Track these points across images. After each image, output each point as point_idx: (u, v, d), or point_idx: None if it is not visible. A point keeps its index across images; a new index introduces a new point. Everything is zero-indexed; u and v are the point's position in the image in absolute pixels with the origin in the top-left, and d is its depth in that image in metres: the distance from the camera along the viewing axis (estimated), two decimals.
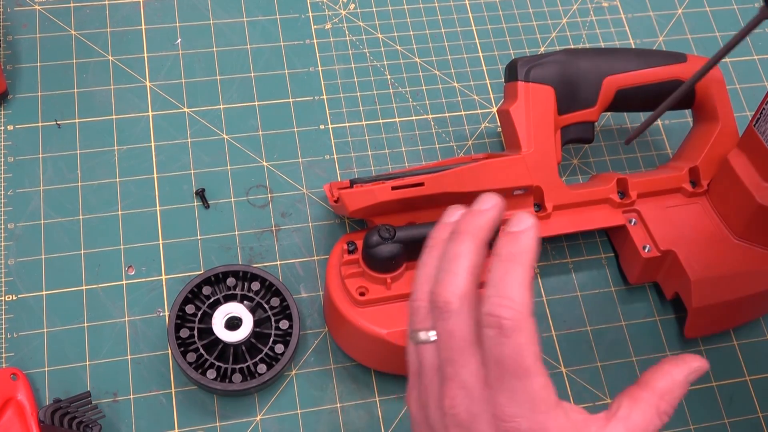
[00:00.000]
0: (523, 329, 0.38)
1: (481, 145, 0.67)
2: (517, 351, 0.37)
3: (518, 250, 0.39)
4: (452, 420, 0.39)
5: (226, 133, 0.65)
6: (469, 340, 0.39)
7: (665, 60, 0.61)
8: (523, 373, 0.37)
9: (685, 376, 0.42)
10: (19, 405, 0.52)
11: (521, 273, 0.39)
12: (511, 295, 0.38)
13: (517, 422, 0.38)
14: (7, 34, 0.67)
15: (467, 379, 0.39)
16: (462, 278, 0.40)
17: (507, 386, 0.38)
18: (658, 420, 0.40)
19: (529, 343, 0.38)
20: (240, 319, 0.55)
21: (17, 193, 0.61)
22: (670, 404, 0.41)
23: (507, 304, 0.38)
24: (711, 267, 0.57)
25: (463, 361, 0.39)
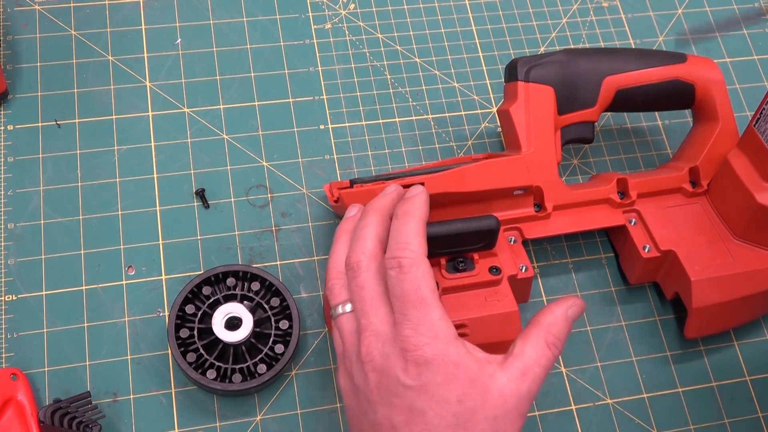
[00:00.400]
0: (419, 266, 0.44)
1: (481, 145, 0.67)
2: (415, 283, 0.44)
3: (410, 208, 0.48)
4: (369, 366, 0.44)
5: (226, 133, 0.65)
6: (379, 292, 0.46)
7: (665, 60, 0.61)
8: (421, 302, 0.43)
9: (564, 310, 0.47)
10: (19, 405, 0.52)
11: (414, 223, 0.46)
12: (407, 240, 0.45)
13: (422, 350, 0.43)
14: (7, 34, 0.67)
15: (378, 326, 0.45)
16: (369, 242, 0.47)
17: (409, 318, 0.43)
18: (549, 351, 0.45)
19: (425, 278, 0.44)
20: (240, 319, 0.55)
21: (17, 193, 0.61)
22: (556, 336, 0.46)
23: (404, 247, 0.45)
24: (711, 267, 0.57)
25: (374, 310, 0.45)
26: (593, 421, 0.57)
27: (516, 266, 0.56)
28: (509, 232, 0.58)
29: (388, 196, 0.51)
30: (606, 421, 0.57)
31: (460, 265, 0.54)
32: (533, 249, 0.62)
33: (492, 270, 0.54)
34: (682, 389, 0.59)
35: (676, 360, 0.60)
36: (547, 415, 0.57)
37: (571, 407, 0.57)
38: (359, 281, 0.46)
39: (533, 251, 0.62)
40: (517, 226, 0.58)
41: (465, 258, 0.55)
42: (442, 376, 0.43)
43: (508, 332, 0.53)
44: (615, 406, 0.58)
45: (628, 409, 0.58)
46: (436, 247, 0.53)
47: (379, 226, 0.48)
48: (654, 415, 0.58)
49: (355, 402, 0.46)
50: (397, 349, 0.43)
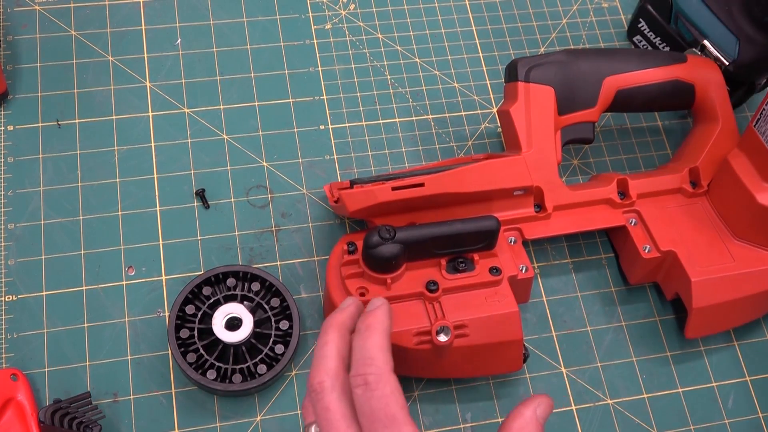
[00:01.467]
0: (387, 382, 0.42)
1: (481, 146, 0.67)
2: (384, 401, 0.42)
3: (372, 321, 0.46)
4: None
5: (226, 134, 0.65)
6: (344, 413, 0.43)
7: (665, 60, 0.61)
8: (392, 421, 0.41)
9: (533, 411, 0.44)
10: (19, 405, 0.52)
11: (378, 338, 0.45)
12: (371, 355, 0.44)
13: None
14: (7, 34, 0.67)
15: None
16: (330, 360, 0.45)
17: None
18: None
19: (394, 394, 0.42)
20: (240, 319, 0.55)
21: (17, 194, 0.61)
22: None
23: (369, 363, 0.43)
24: (711, 267, 0.57)
25: (342, 428, 0.42)
26: (593, 421, 0.57)
27: (516, 267, 0.56)
28: (509, 233, 0.58)
29: (345, 311, 0.48)
30: (606, 421, 0.57)
31: (460, 266, 0.54)
32: (533, 249, 0.62)
33: (492, 270, 0.54)
34: (682, 389, 0.59)
35: (676, 360, 0.60)
36: None
37: (571, 407, 0.57)
38: (324, 403, 0.43)
39: (533, 251, 0.62)
40: (517, 227, 0.58)
41: (465, 258, 0.55)
42: None
43: (508, 332, 0.53)
44: (615, 406, 0.58)
45: (628, 409, 0.58)
46: (437, 247, 0.53)
47: (339, 343, 0.46)
48: (654, 415, 0.58)
49: None
50: None
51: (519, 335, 0.53)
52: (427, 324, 0.52)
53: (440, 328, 0.52)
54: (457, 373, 0.56)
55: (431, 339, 0.52)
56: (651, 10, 0.69)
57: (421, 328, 0.52)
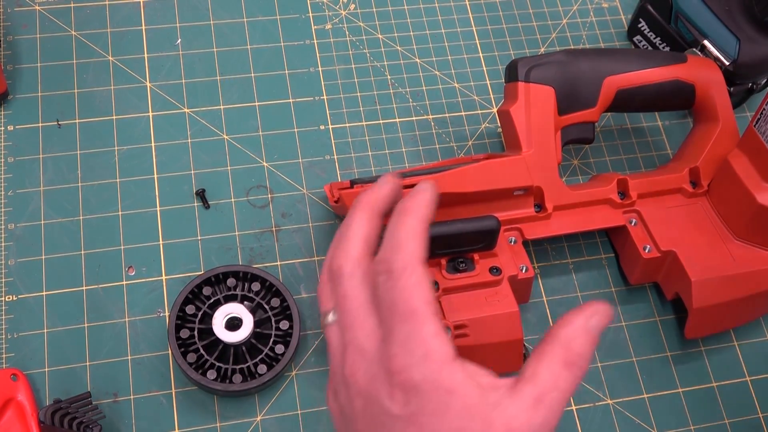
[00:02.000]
0: (413, 272, 0.37)
1: (481, 146, 0.67)
2: (406, 292, 0.37)
3: (411, 204, 0.41)
4: (354, 390, 0.38)
5: (226, 134, 0.65)
6: (364, 302, 0.39)
7: (665, 60, 0.61)
8: (411, 315, 0.37)
9: (585, 321, 0.38)
10: (20, 405, 0.52)
11: (412, 222, 0.40)
12: (401, 241, 0.39)
13: (409, 372, 0.36)
14: (7, 34, 0.67)
15: (363, 342, 0.38)
16: (354, 244, 0.41)
17: (397, 333, 0.37)
18: (568, 372, 0.37)
19: (419, 287, 0.37)
20: (240, 319, 0.55)
21: (17, 194, 0.61)
22: (577, 354, 0.37)
23: (396, 248, 0.38)
24: (711, 267, 0.57)
25: (359, 322, 0.39)
26: (593, 421, 0.57)
27: (516, 266, 0.56)
28: (509, 233, 0.58)
29: (379, 190, 0.43)
30: (606, 421, 0.57)
31: (460, 266, 0.54)
32: (533, 249, 0.62)
33: (492, 270, 0.54)
34: (682, 389, 0.59)
35: (676, 360, 0.60)
36: None
37: (571, 407, 0.57)
38: (342, 290, 0.40)
39: (533, 251, 0.62)
40: (517, 227, 0.58)
41: (465, 258, 0.55)
42: (434, 404, 0.36)
43: (509, 332, 0.53)
44: (615, 407, 0.58)
45: (628, 409, 0.58)
46: (437, 248, 0.53)
47: (367, 225, 0.42)
48: (654, 415, 0.58)
49: (343, 427, 0.40)
50: (383, 371, 0.37)
51: (519, 335, 0.53)
52: None
53: None
54: None
55: None
56: (651, 10, 0.69)
57: None
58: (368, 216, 0.42)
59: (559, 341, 0.38)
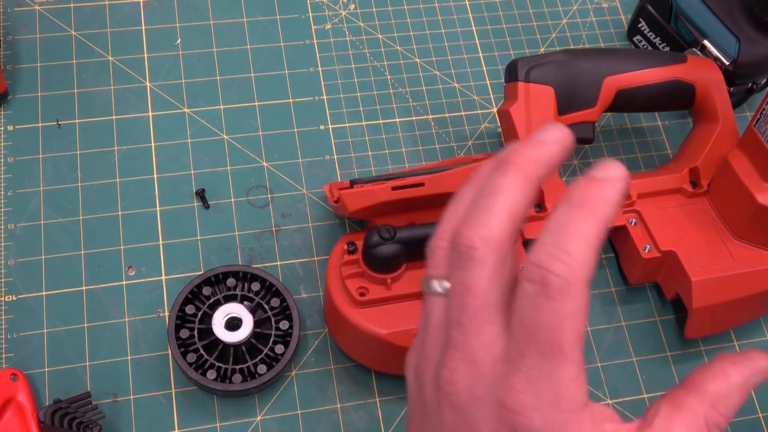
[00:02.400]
0: (574, 296, 0.29)
1: (481, 146, 0.67)
2: (558, 321, 0.29)
3: (595, 198, 0.31)
4: (446, 399, 0.32)
5: (226, 134, 0.65)
6: (490, 302, 0.31)
7: (665, 60, 0.61)
8: (557, 352, 0.29)
9: (746, 379, 0.32)
10: (19, 405, 0.52)
11: (591, 226, 0.30)
12: (570, 248, 0.30)
13: (529, 417, 0.30)
14: (7, 34, 0.67)
15: (477, 352, 0.31)
16: (496, 219, 0.32)
17: (529, 366, 0.30)
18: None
19: (575, 317, 0.29)
20: (240, 319, 0.55)
21: (17, 194, 0.61)
22: (723, 414, 0.32)
23: (562, 258, 0.29)
24: (711, 267, 0.57)
25: (477, 327, 0.31)
26: None
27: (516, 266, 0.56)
28: None
29: (546, 149, 0.34)
30: None
31: None
32: None
33: None
34: None
35: (676, 360, 0.60)
36: None
37: None
38: (469, 277, 0.32)
39: None
40: None
41: None
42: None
43: None
44: (615, 407, 0.58)
45: (628, 410, 0.58)
46: None
47: (516, 196, 0.32)
48: None
49: (420, 418, 0.35)
50: (493, 399, 0.30)
51: None
52: None
53: None
54: None
55: None
56: (651, 10, 0.69)
57: None
58: (522, 182, 0.32)
59: (707, 398, 0.32)
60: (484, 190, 0.33)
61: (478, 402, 0.31)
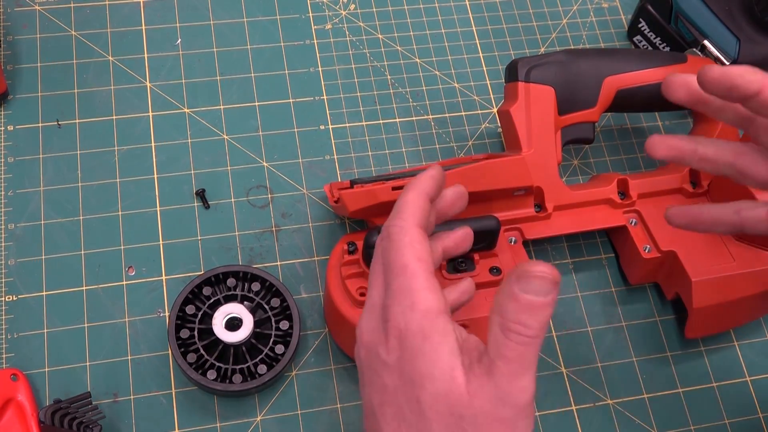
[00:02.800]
0: (406, 234, 0.41)
1: (481, 146, 0.67)
2: (399, 251, 0.40)
3: (414, 179, 0.44)
4: (360, 342, 0.41)
5: (226, 134, 0.65)
6: (381, 267, 0.42)
7: (665, 60, 0.61)
8: (403, 270, 0.40)
9: (511, 285, 0.37)
10: (20, 405, 0.52)
11: (411, 193, 0.43)
12: (399, 208, 0.43)
13: (396, 320, 0.39)
14: (7, 34, 0.67)
15: (375, 300, 0.41)
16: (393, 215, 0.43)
17: (392, 288, 0.40)
18: (509, 341, 0.37)
19: (411, 245, 0.40)
20: (240, 319, 0.55)
21: (17, 194, 0.61)
22: (511, 320, 0.37)
23: (395, 216, 0.42)
24: (711, 267, 0.57)
25: (374, 283, 0.42)
26: (593, 421, 0.57)
27: None
28: (510, 233, 0.58)
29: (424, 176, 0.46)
30: (606, 421, 0.57)
31: (460, 266, 0.54)
32: (534, 249, 0.62)
33: (492, 270, 0.54)
34: (682, 389, 0.59)
35: (676, 360, 0.60)
36: (548, 415, 0.57)
37: (571, 407, 0.57)
38: (373, 259, 0.44)
39: (534, 252, 0.62)
40: (517, 227, 0.58)
41: (465, 258, 0.55)
42: (412, 349, 0.38)
43: None
44: (615, 407, 0.58)
45: (628, 410, 0.58)
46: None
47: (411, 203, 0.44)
48: (654, 415, 0.58)
49: (359, 380, 0.43)
50: (381, 321, 0.40)
51: None
52: None
53: None
54: None
55: None
56: (651, 10, 0.69)
57: None
58: (414, 194, 0.44)
59: (495, 307, 0.38)
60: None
61: (374, 331, 0.41)
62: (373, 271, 0.43)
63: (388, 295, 0.40)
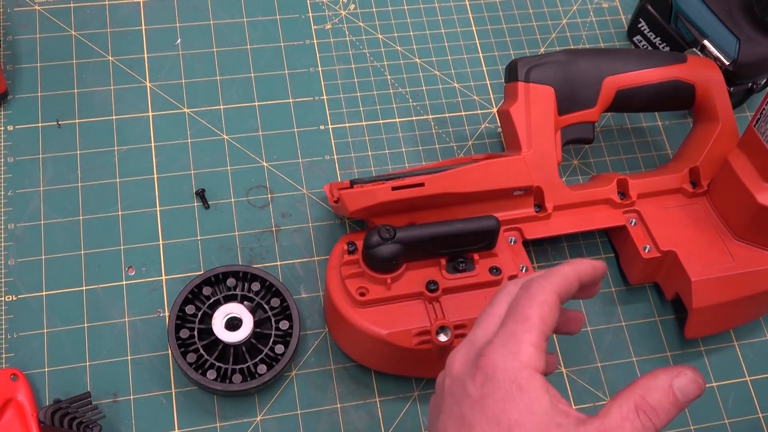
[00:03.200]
0: (544, 291, 0.41)
1: (481, 146, 0.67)
2: (529, 301, 0.41)
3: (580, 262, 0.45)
4: (448, 370, 0.42)
5: (226, 134, 0.65)
6: (501, 312, 0.42)
7: (665, 60, 0.61)
8: (524, 319, 0.40)
9: (669, 380, 0.40)
10: (20, 405, 0.52)
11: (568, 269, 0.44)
12: (552, 271, 0.43)
13: (494, 358, 0.39)
14: (7, 34, 0.67)
15: (478, 337, 0.42)
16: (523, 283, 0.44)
17: (505, 330, 0.40)
18: (636, 418, 0.38)
19: (543, 304, 0.41)
20: (240, 319, 0.55)
21: (17, 194, 0.61)
22: (650, 405, 0.39)
23: (545, 275, 0.42)
24: (711, 267, 0.57)
25: (485, 322, 0.42)
26: None
27: (516, 266, 0.56)
28: (509, 233, 0.58)
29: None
30: None
31: (460, 266, 0.54)
32: (533, 249, 0.62)
33: (492, 270, 0.54)
34: None
35: (676, 360, 0.60)
36: None
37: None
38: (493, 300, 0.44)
39: (533, 252, 0.62)
40: (517, 227, 0.58)
41: (465, 258, 0.55)
42: (503, 393, 0.39)
43: None
44: None
45: None
46: (437, 247, 0.53)
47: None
48: None
49: (435, 407, 0.44)
50: (476, 354, 0.41)
51: None
52: (427, 324, 0.52)
53: (440, 328, 0.52)
54: None
55: (431, 339, 0.52)
56: (651, 10, 0.69)
57: (421, 328, 0.52)
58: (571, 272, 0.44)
59: (637, 388, 0.40)
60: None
61: (466, 363, 0.41)
62: (488, 313, 0.43)
63: (498, 334, 0.41)
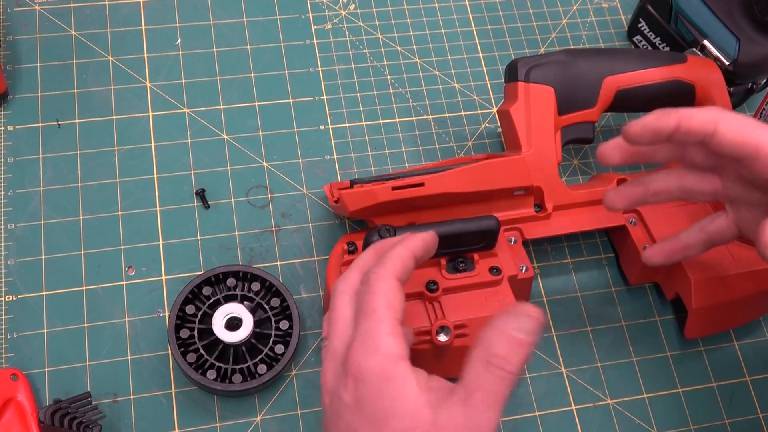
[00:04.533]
0: (384, 281, 0.41)
1: (481, 146, 0.67)
2: (373, 296, 0.41)
3: (408, 238, 0.45)
4: (325, 389, 0.42)
5: (226, 134, 0.65)
6: (347, 314, 0.43)
7: (665, 60, 0.61)
8: (372, 314, 0.40)
9: (504, 323, 0.40)
10: (20, 405, 0.52)
11: (399, 250, 0.44)
12: (384, 259, 0.43)
13: (358, 361, 0.40)
14: (7, 34, 0.67)
15: (338, 346, 0.42)
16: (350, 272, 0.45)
17: (359, 331, 0.40)
18: (488, 373, 0.39)
19: (385, 293, 0.41)
20: (240, 319, 0.55)
21: (17, 194, 0.61)
22: (496, 355, 0.39)
23: (379, 264, 0.43)
24: (711, 267, 0.57)
25: (339, 329, 0.42)
26: (593, 421, 0.57)
27: (516, 266, 0.56)
28: (509, 233, 0.58)
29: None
30: (606, 421, 0.57)
31: (460, 266, 0.54)
32: (533, 249, 0.62)
33: (492, 270, 0.54)
34: (682, 389, 0.59)
35: (676, 360, 0.60)
36: (548, 415, 0.57)
37: (571, 407, 0.57)
38: (332, 303, 0.44)
39: (533, 251, 0.62)
40: (517, 227, 0.58)
41: (465, 258, 0.55)
42: (374, 390, 0.39)
43: None
44: (615, 407, 0.58)
45: (628, 410, 0.58)
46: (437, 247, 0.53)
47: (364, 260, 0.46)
48: (654, 415, 0.58)
49: (324, 427, 0.44)
50: (341, 363, 0.41)
51: None
52: (427, 324, 0.52)
53: (440, 328, 0.52)
54: (457, 373, 0.55)
55: (431, 339, 0.52)
56: (651, 10, 0.69)
57: (421, 327, 0.52)
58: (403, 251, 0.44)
59: (482, 343, 0.40)
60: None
61: (337, 375, 0.41)
62: (335, 318, 0.43)
63: (355, 336, 0.41)
